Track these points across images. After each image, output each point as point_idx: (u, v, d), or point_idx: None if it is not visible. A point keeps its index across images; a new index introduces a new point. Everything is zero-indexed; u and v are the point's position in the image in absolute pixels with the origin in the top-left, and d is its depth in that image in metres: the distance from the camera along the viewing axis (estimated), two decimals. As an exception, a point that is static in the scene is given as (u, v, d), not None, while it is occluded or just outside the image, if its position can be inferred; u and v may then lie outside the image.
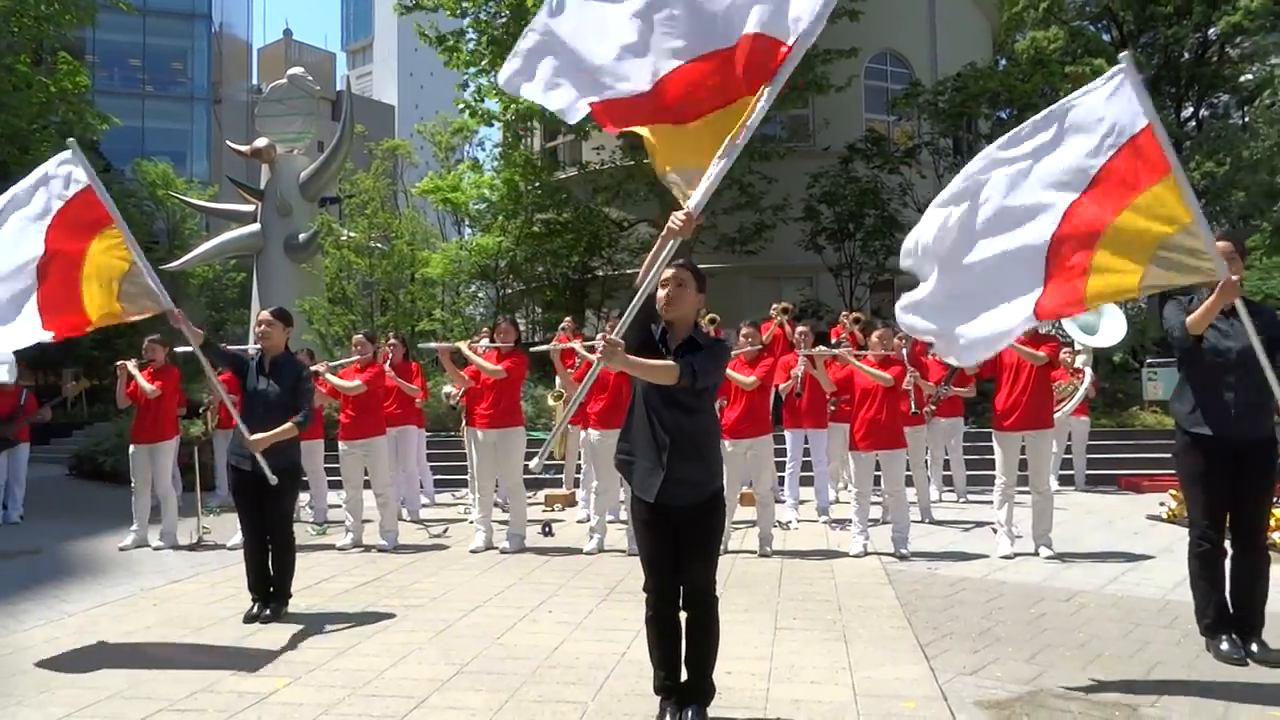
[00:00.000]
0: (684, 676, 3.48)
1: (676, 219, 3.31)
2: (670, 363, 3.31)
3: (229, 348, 5.68)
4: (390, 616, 5.32)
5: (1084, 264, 3.84)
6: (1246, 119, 20.41)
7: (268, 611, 5.26)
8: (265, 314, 5.49)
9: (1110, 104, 3.82)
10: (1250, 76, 23.42)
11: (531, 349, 7.72)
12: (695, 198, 3.38)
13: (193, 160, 40.52)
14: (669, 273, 3.47)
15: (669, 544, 3.44)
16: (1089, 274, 3.84)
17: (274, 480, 5.10)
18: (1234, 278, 3.90)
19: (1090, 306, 4.14)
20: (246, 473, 5.27)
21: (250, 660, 4.46)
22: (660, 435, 3.39)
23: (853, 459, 7.25)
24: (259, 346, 5.53)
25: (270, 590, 5.34)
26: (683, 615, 3.46)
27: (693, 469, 3.40)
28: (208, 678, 4.18)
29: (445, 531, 8.39)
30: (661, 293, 3.46)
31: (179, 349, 8.42)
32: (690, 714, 3.41)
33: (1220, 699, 3.74)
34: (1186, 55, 24.45)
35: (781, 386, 8.48)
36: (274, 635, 4.95)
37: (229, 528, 8.08)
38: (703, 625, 3.45)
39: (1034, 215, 3.94)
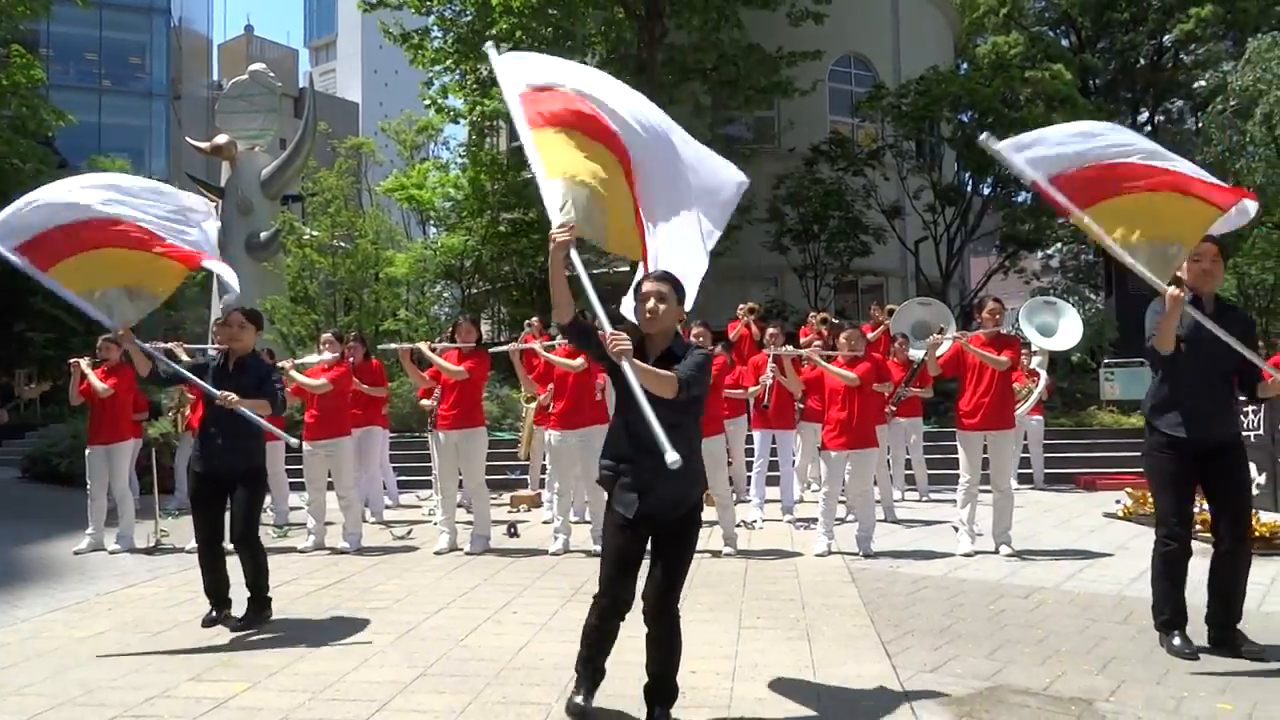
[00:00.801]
0: (644, 679, 3.51)
1: None
2: (672, 374, 3.25)
3: (185, 359, 5.57)
4: (353, 619, 5.26)
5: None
6: (1200, 124, 20.88)
7: (231, 615, 5.13)
8: (238, 315, 5.36)
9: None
10: (1203, 83, 23.96)
11: (492, 349, 7.68)
12: None
13: (151, 157, 39.71)
14: (649, 287, 3.47)
15: (639, 553, 3.45)
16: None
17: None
18: (1175, 291, 4.08)
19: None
20: (206, 476, 5.19)
21: (208, 665, 4.40)
22: (643, 448, 3.32)
23: (823, 459, 7.29)
24: (219, 347, 5.43)
25: (225, 595, 5.20)
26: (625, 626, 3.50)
27: (675, 484, 3.31)
28: (165, 683, 4.11)
29: (409, 533, 8.32)
30: (643, 306, 3.46)
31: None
32: (657, 714, 3.42)
33: (1173, 692, 3.82)
34: (1142, 61, 25.00)
35: (749, 390, 8.52)
36: (233, 639, 4.88)
37: (188, 531, 7.94)
38: (668, 636, 3.45)
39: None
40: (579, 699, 3.55)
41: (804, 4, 17.27)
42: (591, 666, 3.58)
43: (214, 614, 5.16)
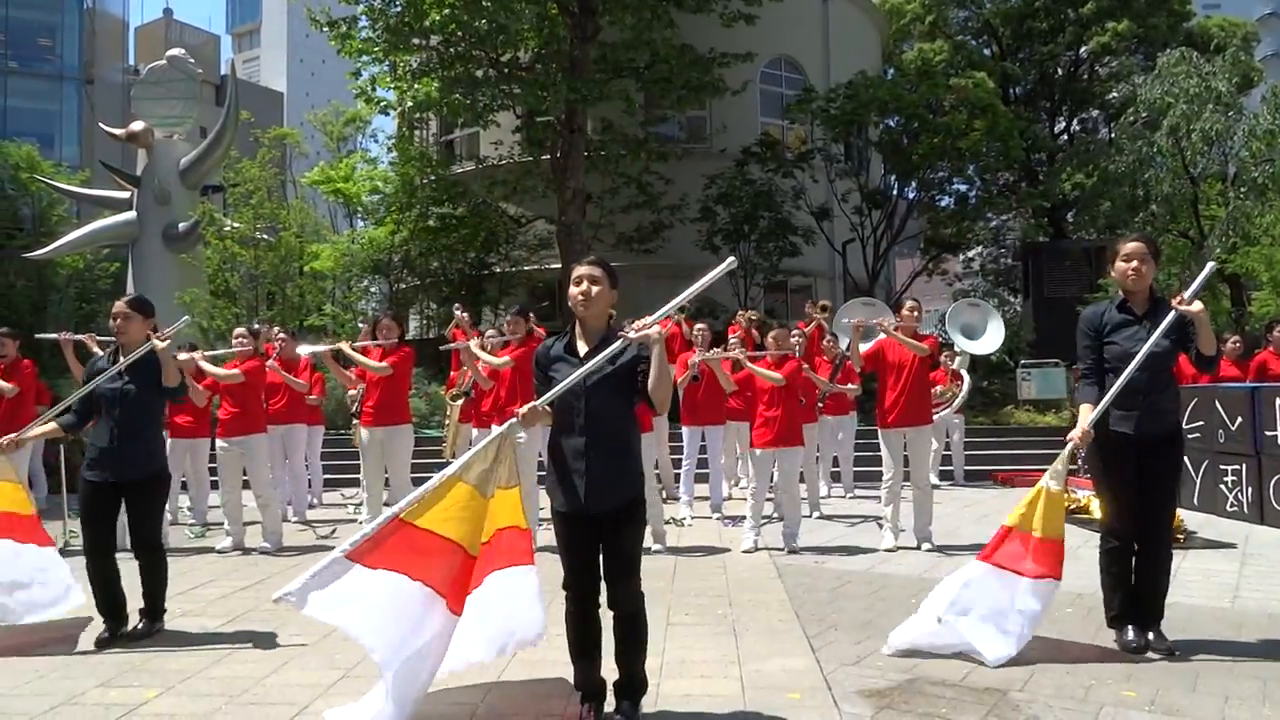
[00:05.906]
0: (612, 672, 3.50)
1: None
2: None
3: (97, 351, 5.27)
4: (272, 621, 5.12)
5: None
6: (1113, 134, 21.69)
7: (136, 627, 4.85)
8: (120, 304, 4.96)
9: None
10: (1116, 95, 24.89)
11: (442, 348, 7.59)
12: None
13: (62, 143, 38.04)
14: (581, 270, 3.47)
15: (590, 545, 3.42)
16: None
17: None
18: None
19: None
20: (101, 485, 4.82)
21: (119, 670, 4.24)
22: (580, 434, 3.42)
23: (751, 457, 7.36)
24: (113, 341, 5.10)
25: (122, 611, 4.87)
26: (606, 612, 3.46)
27: (615, 470, 3.39)
28: (70, 690, 3.95)
29: (333, 532, 8.15)
30: (575, 290, 3.46)
31: (40, 336, 7.87)
32: (625, 707, 3.42)
33: (1082, 681, 3.96)
34: (1060, 72, 25.88)
35: (679, 380, 8.54)
36: (145, 644, 4.71)
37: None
38: (632, 625, 3.44)
39: None
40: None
41: (736, 6, 17.42)
42: (588, 676, 3.49)
43: (108, 633, 4.77)
